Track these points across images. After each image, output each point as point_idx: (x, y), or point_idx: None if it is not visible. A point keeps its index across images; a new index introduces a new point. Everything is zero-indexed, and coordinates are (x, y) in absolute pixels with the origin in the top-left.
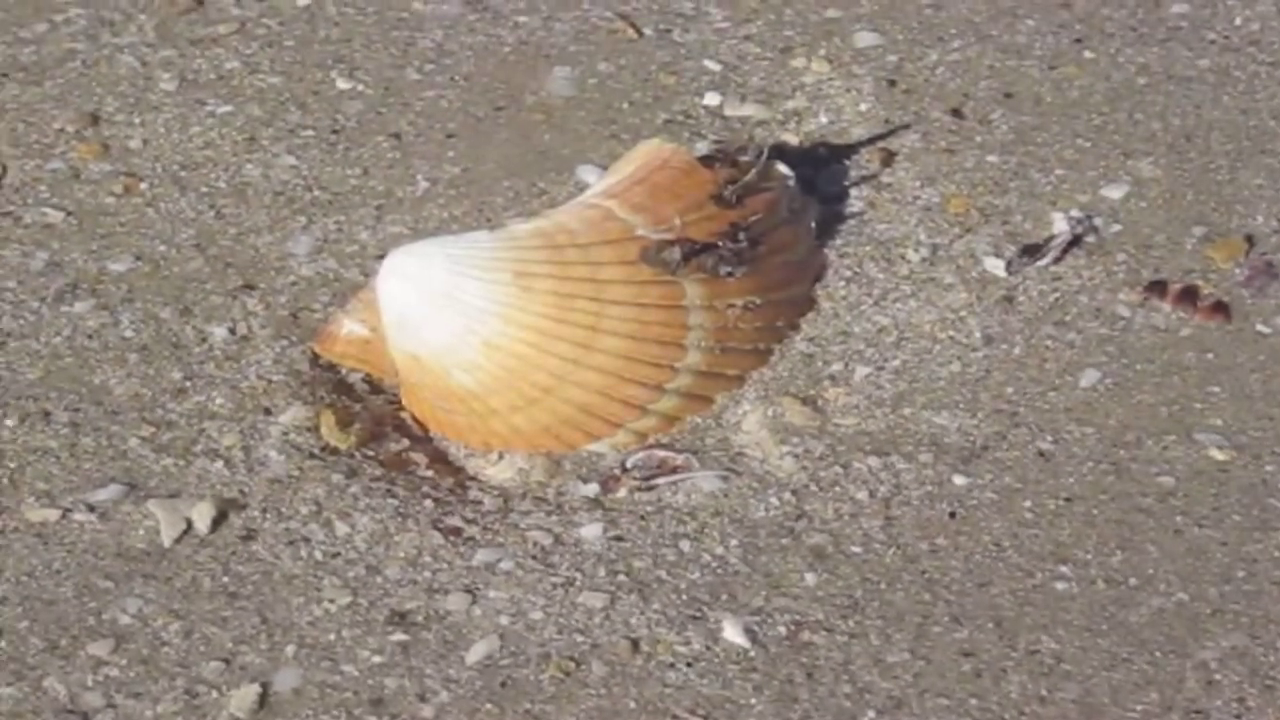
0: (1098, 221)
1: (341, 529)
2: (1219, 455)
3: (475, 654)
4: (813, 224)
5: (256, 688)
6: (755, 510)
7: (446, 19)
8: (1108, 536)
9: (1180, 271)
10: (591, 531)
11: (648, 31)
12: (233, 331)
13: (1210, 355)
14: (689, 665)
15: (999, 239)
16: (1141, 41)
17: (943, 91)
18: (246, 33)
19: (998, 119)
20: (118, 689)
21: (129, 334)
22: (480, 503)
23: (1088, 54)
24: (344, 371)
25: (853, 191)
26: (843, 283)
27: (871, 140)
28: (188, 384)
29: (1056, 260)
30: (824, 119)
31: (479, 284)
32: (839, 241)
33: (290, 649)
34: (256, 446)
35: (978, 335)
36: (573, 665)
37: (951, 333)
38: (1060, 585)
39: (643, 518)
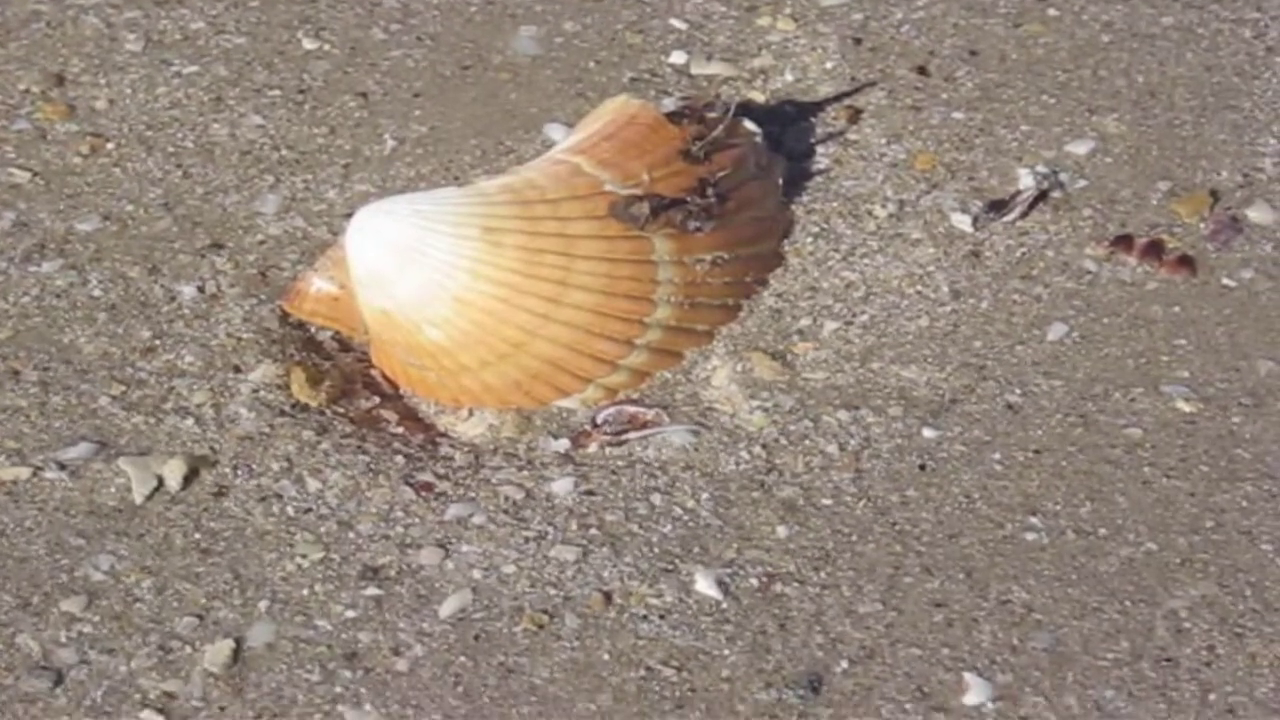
0: (1063, 177)
1: (313, 485)
2: (1186, 407)
3: (448, 608)
4: (780, 180)
5: (230, 643)
6: (726, 464)
7: None
8: (1076, 488)
9: (1146, 226)
10: (563, 486)
11: None
12: (201, 290)
13: (1176, 308)
14: (661, 617)
15: (965, 195)
16: None
17: (908, 49)
18: None
19: (963, 76)
20: (91, 645)
21: (98, 293)
22: (451, 459)
23: (1052, 11)
24: (313, 329)
25: (819, 149)
26: (810, 239)
27: (838, 98)
28: (157, 342)
29: (1023, 215)
30: (790, 77)
31: (448, 239)
32: (806, 198)
33: (263, 604)
34: (227, 404)
35: (945, 290)
36: (546, 618)
37: (919, 287)
38: (1030, 536)
39: (614, 472)
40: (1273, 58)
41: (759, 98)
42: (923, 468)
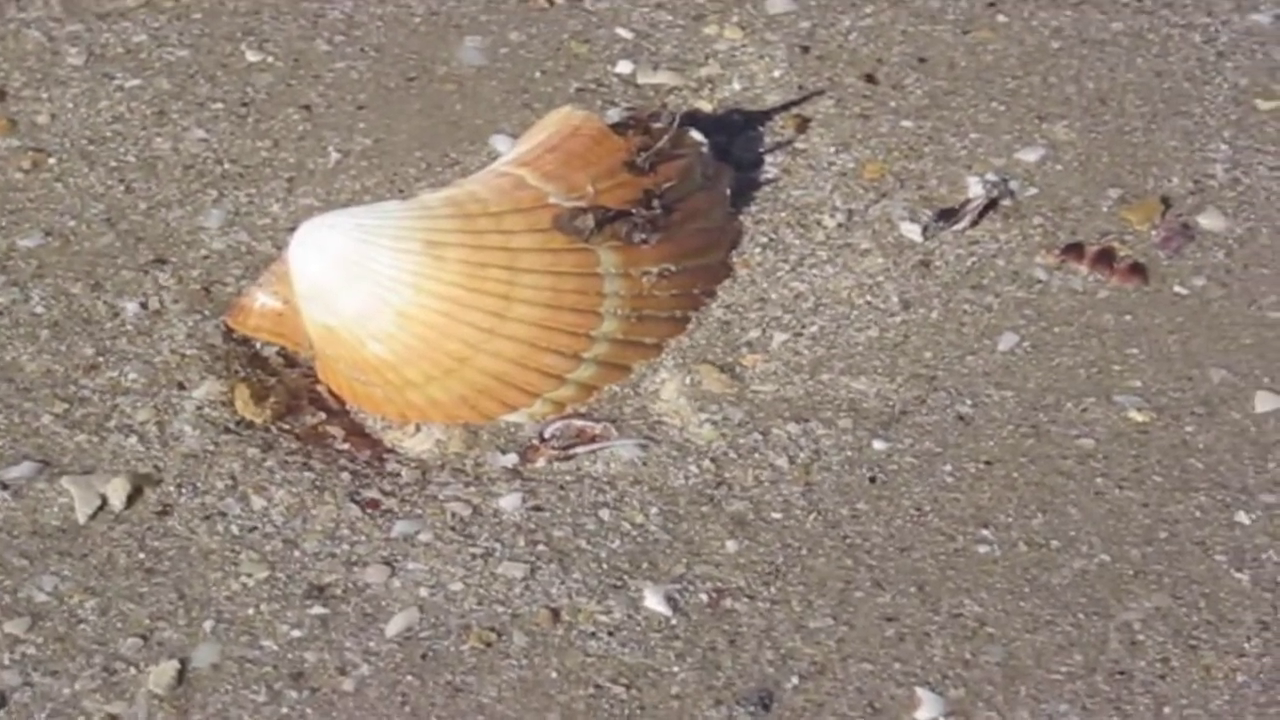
0: (1013, 185)
1: (258, 503)
2: (1138, 417)
3: (395, 626)
4: (728, 191)
5: (175, 664)
6: (675, 478)
7: None
8: (1028, 499)
9: (1096, 234)
10: (510, 502)
11: (559, 0)
12: (145, 306)
13: (1128, 317)
14: (610, 634)
15: (915, 204)
16: (1055, 5)
17: (856, 57)
18: (154, 5)
19: (911, 84)
20: (35, 667)
21: (39, 310)
22: (398, 475)
23: (1001, 18)
24: (258, 345)
25: (767, 158)
26: (759, 249)
27: (785, 107)
28: (100, 360)
29: (973, 224)
30: (737, 86)
31: (390, 253)
32: (754, 208)
33: (208, 624)
34: (171, 421)
35: (895, 300)
36: (493, 636)
37: (869, 298)
38: (982, 548)
39: (562, 487)
40: (1223, 63)
41: (706, 107)
42: (873, 480)
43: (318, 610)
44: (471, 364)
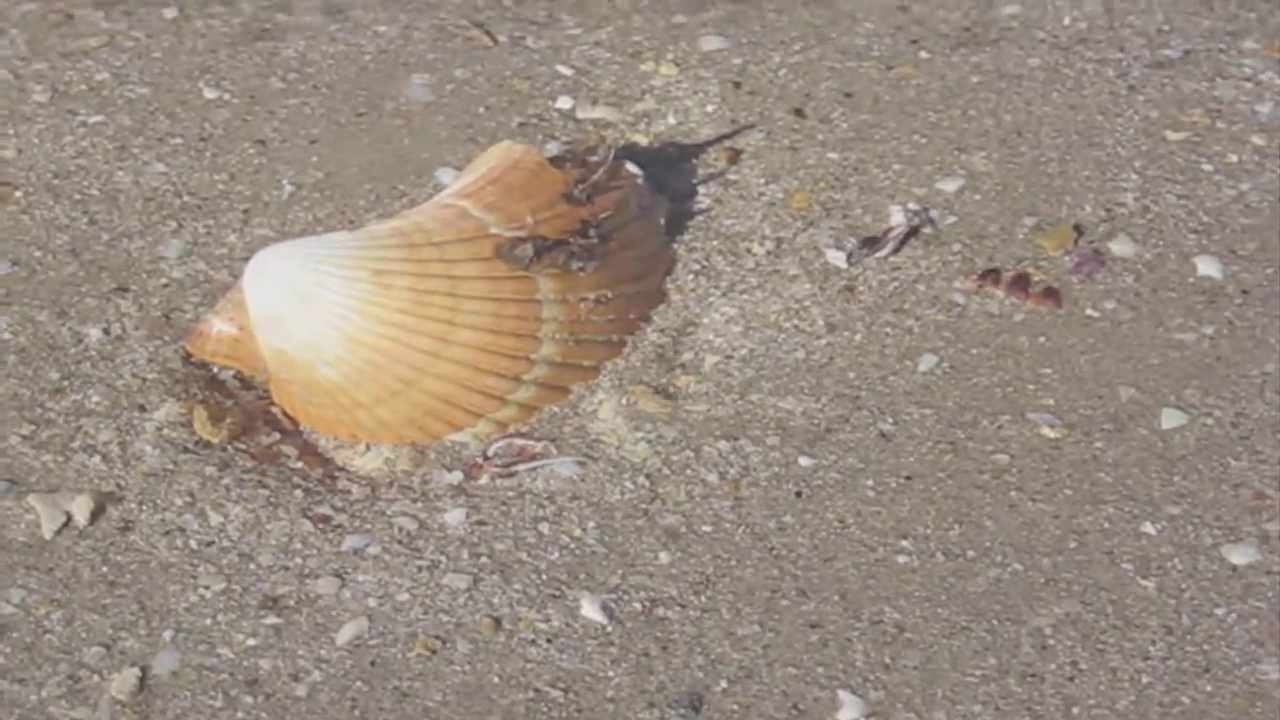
0: (934, 213)
1: (215, 519)
2: (1051, 433)
3: (345, 635)
4: (662, 220)
5: (136, 671)
6: (611, 494)
7: (309, 30)
8: (946, 512)
9: (1012, 260)
10: (455, 517)
11: (502, 39)
12: (107, 332)
13: (1042, 339)
14: (549, 641)
15: (840, 232)
16: (975, 41)
17: (785, 92)
18: (116, 45)
19: (838, 117)
20: (2, 675)
21: (7, 336)
22: (349, 492)
23: (924, 54)
24: (215, 369)
25: (701, 189)
26: (692, 276)
27: (718, 139)
28: (65, 383)
29: (895, 251)
30: (673, 120)
31: (340, 281)
32: (688, 236)
33: (168, 634)
34: (132, 442)
35: (821, 324)
36: (438, 643)
37: (796, 321)
38: (901, 559)
39: (504, 503)
40: (1135, 96)
41: (643, 140)
42: (799, 495)
43: (272, 620)
44: (418, 386)
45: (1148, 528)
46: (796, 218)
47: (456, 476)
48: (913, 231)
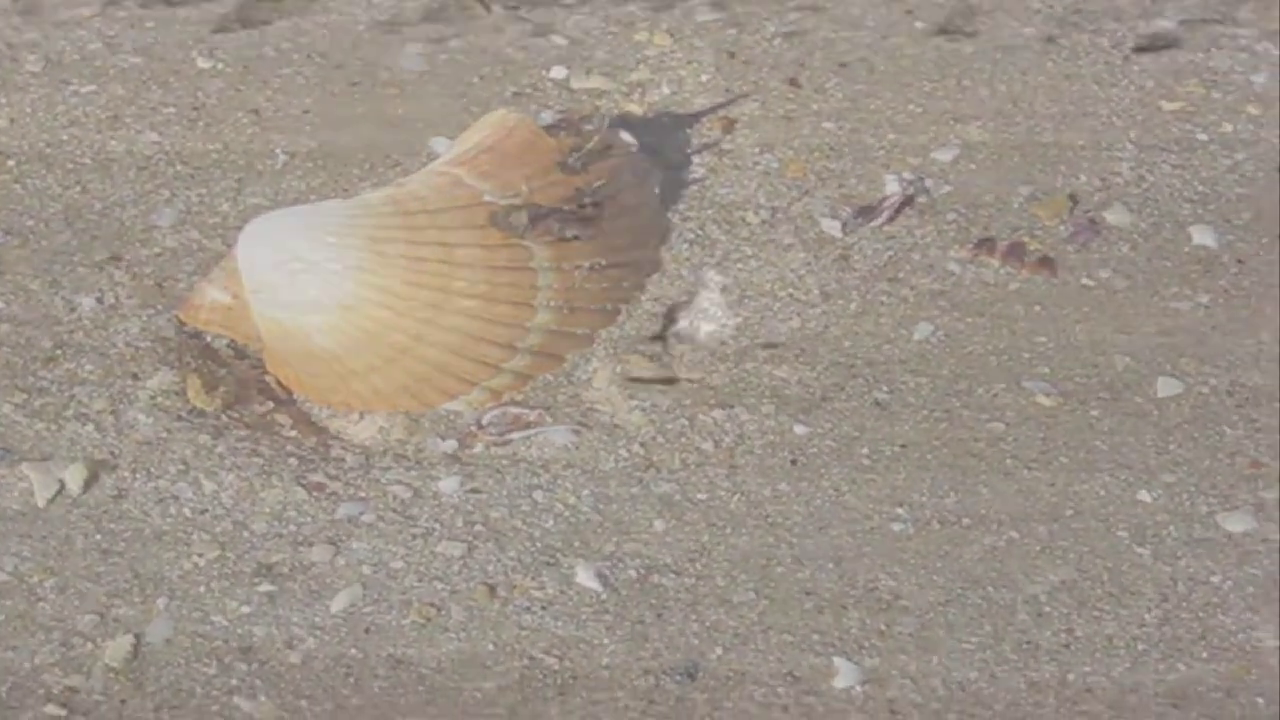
0: (928, 183)
1: (209, 487)
2: (1046, 401)
3: (339, 602)
4: (657, 189)
5: (130, 639)
6: (605, 462)
7: None
8: (941, 480)
9: (1008, 229)
10: (449, 485)
11: (496, 8)
12: (100, 301)
13: (1037, 307)
14: (544, 609)
15: (835, 201)
16: (970, 11)
17: (780, 62)
18: (108, 15)
19: (833, 87)
20: None
21: (0, 305)
22: (343, 460)
23: (919, 24)
24: (209, 337)
25: (695, 158)
26: (686, 245)
27: (713, 109)
28: (58, 352)
29: (890, 220)
30: (667, 90)
31: (334, 250)
32: (682, 206)
33: (162, 601)
34: (125, 410)
35: (816, 292)
36: (433, 611)
37: (791, 290)
38: (897, 526)
39: (498, 471)
40: (1130, 66)
41: (637, 110)
42: (794, 463)
43: (266, 587)
44: (412, 354)
45: (1143, 495)
46: (791, 187)
47: (451, 444)
48: (908, 201)
